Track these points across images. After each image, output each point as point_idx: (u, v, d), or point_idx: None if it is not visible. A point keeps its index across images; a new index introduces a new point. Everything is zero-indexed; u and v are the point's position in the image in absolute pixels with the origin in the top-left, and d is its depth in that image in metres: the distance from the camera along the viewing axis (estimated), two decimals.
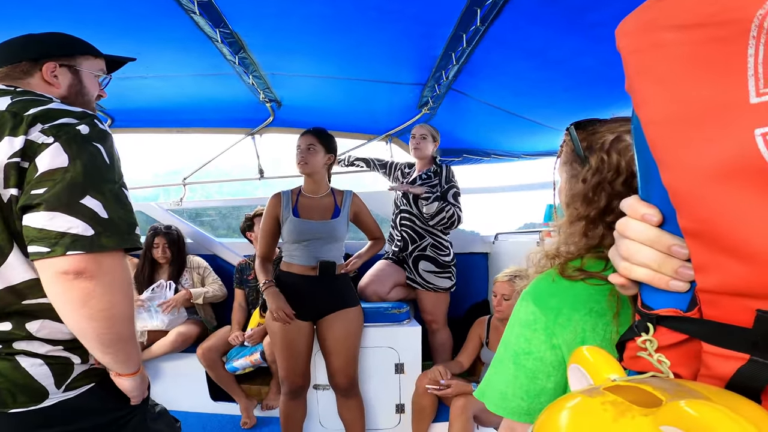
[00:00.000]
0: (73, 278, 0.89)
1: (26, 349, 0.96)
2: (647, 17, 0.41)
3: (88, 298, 0.91)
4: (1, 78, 1.09)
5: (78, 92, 1.17)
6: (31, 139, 0.90)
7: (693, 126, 0.37)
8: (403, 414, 2.63)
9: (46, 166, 0.89)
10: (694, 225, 0.38)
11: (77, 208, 0.89)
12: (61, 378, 0.99)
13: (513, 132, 3.18)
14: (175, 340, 2.90)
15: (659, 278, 0.44)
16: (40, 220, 0.88)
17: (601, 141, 0.76)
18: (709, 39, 0.37)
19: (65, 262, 0.88)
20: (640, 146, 0.45)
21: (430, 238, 2.93)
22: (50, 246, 0.88)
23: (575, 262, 0.73)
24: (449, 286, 2.95)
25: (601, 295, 0.67)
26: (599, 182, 0.74)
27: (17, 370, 0.95)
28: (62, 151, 0.90)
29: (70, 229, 0.88)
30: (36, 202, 0.88)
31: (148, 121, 3.31)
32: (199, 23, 1.86)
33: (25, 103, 0.95)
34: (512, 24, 1.78)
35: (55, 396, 0.98)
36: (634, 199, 0.47)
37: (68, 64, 1.15)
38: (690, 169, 0.37)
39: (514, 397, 0.74)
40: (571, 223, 0.76)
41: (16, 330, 0.95)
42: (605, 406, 0.33)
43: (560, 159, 0.85)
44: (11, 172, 0.89)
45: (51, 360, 0.98)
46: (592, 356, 0.42)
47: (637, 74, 0.42)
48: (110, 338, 0.96)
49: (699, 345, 0.41)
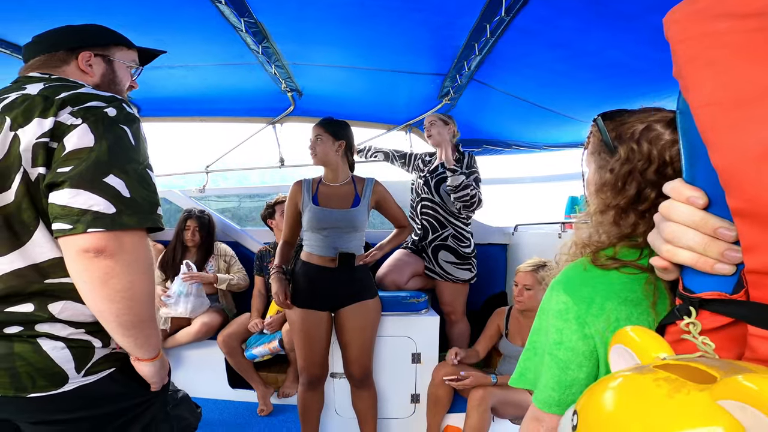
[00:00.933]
0: (94, 256, 0.90)
1: (48, 331, 0.96)
2: (698, 7, 0.42)
3: (108, 277, 0.91)
4: (38, 66, 1.12)
5: (111, 81, 1.21)
6: (60, 120, 0.92)
7: (746, 108, 0.38)
8: (418, 404, 2.65)
9: (72, 146, 0.91)
10: (745, 204, 0.39)
11: (100, 186, 0.90)
12: (81, 362, 0.99)
13: (535, 123, 3.15)
14: (199, 330, 2.97)
15: (704, 261, 0.44)
16: (64, 197, 0.89)
17: (631, 131, 0.76)
18: (764, 27, 0.38)
19: (86, 239, 0.89)
20: (686, 129, 0.45)
21: (451, 228, 2.92)
22: (72, 223, 0.88)
23: (608, 251, 0.72)
24: (469, 278, 2.94)
25: (636, 284, 0.67)
26: (629, 171, 0.74)
27: (38, 353, 0.95)
28: (89, 132, 0.92)
29: (92, 206, 0.89)
30: (61, 180, 0.89)
31: (173, 110, 3.35)
32: (224, 12, 1.87)
33: (56, 87, 0.98)
34: (538, 15, 1.76)
35: (75, 380, 0.98)
36: (679, 182, 0.47)
37: (102, 54, 1.19)
38: (742, 149, 0.38)
39: (545, 388, 0.75)
40: (601, 213, 0.76)
41: (39, 311, 0.95)
42: (659, 383, 0.33)
43: (587, 150, 0.85)
44: (39, 151, 0.91)
45: (72, 343, 0.98)
46: (638, 335, 0.42)
47: (688, 60, 0.42)
48: (130, 320, 0.96)
49: (742, 329, 0.42)
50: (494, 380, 2.35)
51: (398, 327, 2.62)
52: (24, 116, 0.92)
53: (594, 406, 0.37)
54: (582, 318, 0.70)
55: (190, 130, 28.33)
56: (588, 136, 0.85)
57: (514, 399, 2.28)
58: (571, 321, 0.71)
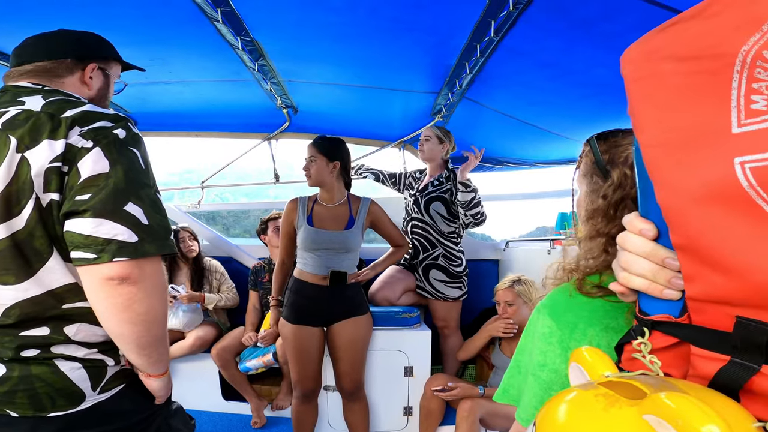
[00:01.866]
0: (118, 284, 0.91)
1: (64, 353, 0.97)
2: (649, 47, 0.45)
3: (130, 303, 0.93)
4: (36, 73, 1.07)
5: (103, 95, 1.20)
6: (71, 143, 0.90)
7: (683, 151, 0.41)
8: (410, 416, 2.66)
9: (88, 172, 0.90)
10: (683, 240, 0.43)
11: (122, 214, 0.91)
12: (96, 380, 1.00)
13: (525, 140, 3.21)
14: (193, 344, 2.98)
15: (654, 287, 0.48)
16: (87, 226, 0.89)
17: (624, 155, 0.74)
18: (701, 71, 0.41)
19: (112, 268, 0.90)
20: (639, 166, 0.49)
21: (441, 248, 2.93)
22: (97, 252, 0.89)
23: (593, 278, 0.73)
24: (459, 295, 2.96)
25: (618, 312, 0.69)
26: (621, 198, 0.72)
27: (56, 374, 0.96)
28: (103, 156, 0.92)
29: (116, 235, 0.90)
30: (82, 209, 0.89)
31: (169, 125, 3.40)
32: (221, 31, 1.92)
33: (59, 104, 0.95)
34: (526, 35, 1.82)
35: (91, 398, 1.00)
36: (634, 215, 0.51)
37: (103, 67, 1.18)
38: (679, 190, 0.42)
39: (528, 406, 0.76)
40: (591, 239, 0.75)
41: (54, 334, 0.96)
42: (597, 398, 0.37)
43: (579, 170, 0.84)
44: (52, 176, 0.89)
45: (88, 363, 0.99)
46: (590, 356, 0.46)
47: (638, 100, 0.46)
48: (147, 341, 0.99)
49: (687, 348, 0.45)
50: (481, 391, 2.37)
51: (391, 341, 2.64)
52: (31, 136, 0.89)
53: (547, 418, 0.41)
54: (565, 342, 0.72)
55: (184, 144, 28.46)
56: (580, 156, 0.85)
57: (503, 411, 2.29)
58: (554, 344, 0.73)
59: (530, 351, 0.77)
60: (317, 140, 2.35)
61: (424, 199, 2.95)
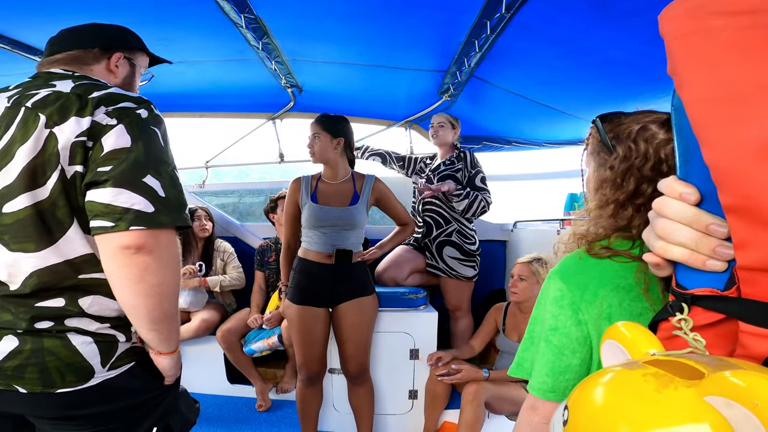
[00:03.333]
0: (134, 252, 0.93)
1: (77, 326, 0.99)
2: (693, 4, 0.42)
3: (144, 273, 0.94)
4: (67, 61, 1.15)
5: (129, 84, 1.27)
6: (96, 120, 0.95)
7: (739, 105, 0.38)
8: (415, 400, 2.66)
9: (111, 146, 0.94)
10: (737, 201, 0.39)
11: (140, 185, 0.94)
12: (106, 356, 1.01)
13: (535, 120, 3.15)
14: (199, 326, 2.98)
15: (696, 258, 0.45)
16: (107, 195, 0.92)
17: (628, 131, 0.80)
18: (757, 25, 0.38)
19: (128, 236, 0.92)
20: (680, 126, 0.46)
21: (456, 224, 2.93)
22: (114, 221, 0.92)
23: (603, 242, 0.76)
24: (472, 275, 2.95)
25: (628, 271, 0.70)
26: (628, 168, 0.77)
27: (68, 348, 0.97)
28: (125, 132, 0.96)
29: (134, 205, 0.93)
30: (103, 179, 0.92)
31: (174, 106, 3.37)
32: (224, 8, 1.87)
33: (87, 86, 1.01)
34: (538, 12, 1.76)
35: (100, 375, 1.01)
36: (672, 178, 0.47)
37: (129, 56, 1.25)
38: (734, 145, 0.38)
39: (539, 374, 0.77)
40: (600, 207, 0.80)
41: (69, 306, 0.98)
42: (647, 378, 0.33)
43: (587, 150, 0.89)
44: (77, 150, 0.94)
45: (99, 338, 1.01)
46: (629, 331, 0.42)
47: (682, 57, 0.43)
48: (159, 315, 1.00)
49: (734, 325, 0.42)
50: (486, 374, 2.36)
51: (396, 323, 2.62)
52: (60, 114, 0.94)
53: (583, 401, 0.37)
54: (576, 304, 0.73)
55: (189, 125, 28.39)
56: (587, 137, 0.90)
57: (509, 395, 2.29)
58: (565, 307, 0.74)
59: (540, 318, 0.79)
60: (320, 117, 2.34)
61: (437, 177, 2.95)
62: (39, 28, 2.00)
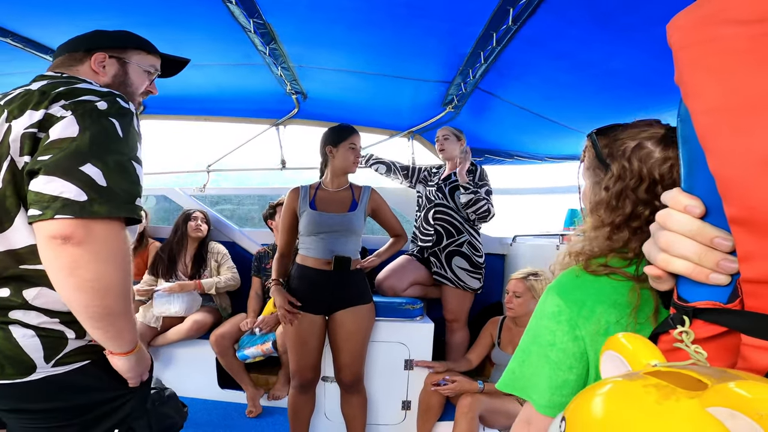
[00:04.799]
0: (61, 243, 0.89)
1: (20, 319, 0.97)
2: (702, 13, 0.42)
3: (75, 266, 0.90)
4: (57, 65, 1.17)
5: (121, 83, 1.24)
6: (50, 112, 0.95)
7: (746, 114, 0.38)
8: (408, 411, 2.63)
9: (56, 135, 0.93)
10: (743, 212, 0.39)
11: (74, 174, 0.90)
12: (51, 352, 0.98)
13: (538, 134, 3.15)
14: (191, 327, 2.96)
15: (699, 271, 0.44)
16: (39, 183, 0.90)
17: (623, 148, 0.78)
18: (765, 34, 0.38)
19: (54, 225, 0.88)
20: (686, 137, 0.45)
21: (467, 236, 2.92)
22: (42, 209, 0.89)
23: (600, 259, 0.75)
24: (477, 287, 2.95)
25: (625, 288, 0.70)
26: (622, 190, 0.76)
27: (8, 340, 0.95)
28: (75, 123, 0.94)
29: (62, 193, 0.89)
30: (38, 167, 0.90)
31: (178, 109, 3.38)
32: (234, 13, 1.88)
33: (56, 83, 1.01)
34: (544, 25, 1.77)
35: (43, 370, 0.98)
36: (677, 190, 0.47)
37: (118, 56, 1.23)
38: (741, 155, 0.38)
39: (536, 388, 0.76)
40: (596, 229, 0.79)
41: (14, 297, 0.96)
42: (648, 389, 0.33)
43: (583, 164, 0.88)
44: (26, 141, 0.94)
45: (43, 332, 0.98)
46: (630, 342, 0.41)
47: (690, 66, 0.42)
48: (99, 312, 0.94)
49: (736, 338, 0.42)
50: (481, 386, 2.34)
51: (392, 333, 2.60)
52: (19, 108, 0.96)
53: (582, 412, 0.37)
54: (573, 320, 0.72)
55: (192, 128, 28.39)
56: (584, 150, 0.88)
57: (503, 408, 2.26)
58: (563, 323, 0.73)
59: (537, 333, 0.78)
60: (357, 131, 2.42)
61: (449, 187, 2.95)
62: (50, 27, 2.02)
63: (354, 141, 2.36)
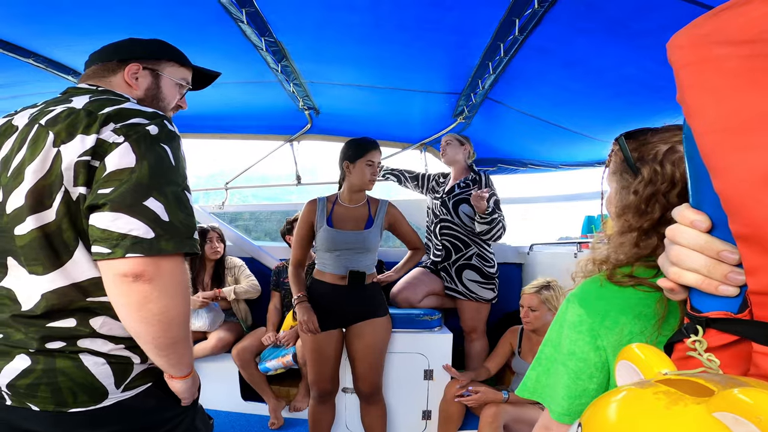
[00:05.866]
0: (132, 281, 0.89)
1: (90, 347, 0.97)
2: (700, 32, 0.43)
3: (145, 302, 0.91)
4: (89, 76, 1.13)
5: (154, 96, 1.20)
6: (102, 138, 0.91)
7: (744, 134, 0.39)
8: (429, 420, 2.63)
9: (114, 166, 0.90)
10: (746, 229, 0.40)
11: (140, 209, 0.89)
12: (121, 377, 0.99)
13: (551, 142, 3.15)
14: (215, 345, 3.02)
15: (708, 283, 0.45)
16: (105, 220, 0.89)
17: (654, 152, 0.75)
18: (760, 54, 0.39)
19: (125, 264, 0.88)
20: (691, 154, 0.46)
21: (476, 248, 2.91)
22: (111, 247, 0.88)
23: (625, 269, 0.73)
24: (491, 297, 2.93)
25: (650, 300, 0.68)
26: (653, 194, 0.73)
27: (80, 368, 0.95)
28: (131, 151, 0.91)
29: (132, 231, 0.88)
30: (102, 202, 0.89)
31: (195, 127, 3.45)
32: (245, 32, 1.93)
33: (101, 102, 0.97)
34: (551, 33, 1.78)
35: (114, 396, 0.99)
36: (685, 206, 0.48)
37: (151, 67, 1.18)
38: (741, 174, 0.39)
39: (555, 397, 0.76)
40: (622, 234, 0.76)
41: (81, 326, 0.96)
42: (658, 396, 0.34)
43: (609, 169, 0.84)
44: (80, 170, 0.90)
45: (113, 359, 0.99)
46: (642, 352, 0.43)
47: (690, 86, 0.43)
48: (165, 342, 0.96)
49: (748, 347, 0.42)
50: (506, 396, 2.32)
51: (411, 343, 2.61)
52: (67, 132, 0.91)
53: (597, 418, 0.38)
54: (595, 330, 0.71)
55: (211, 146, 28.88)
56: (609, 155, 0.85)
57: (528, 417, 2.24)
58: (584, 333, 0.72)
59: (556, 342, 0.77)
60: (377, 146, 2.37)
61: (452, 201, 2.93)
62: (71, 47, 2.08)
63: (372, 158, 2.32)
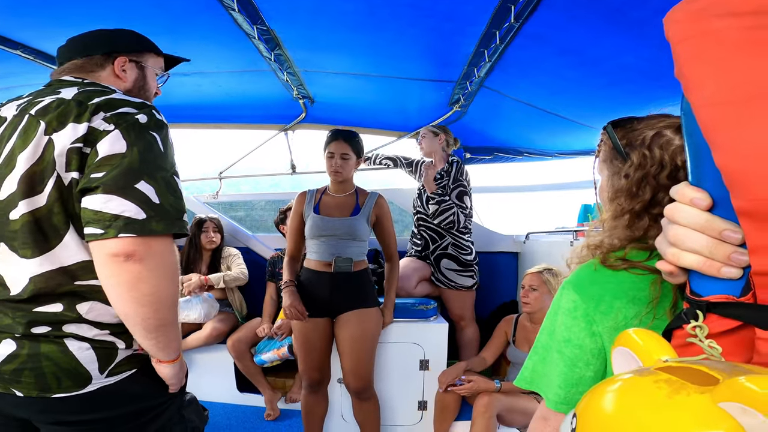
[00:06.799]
0: (123, 260, 0.92)
1: (75, 332, 0.98)
2: (698, 6, 0.42)
3: (136, 281, 0.93)
4: (72, 69, 1.15)
5: (141, 87, 1.25)
6: (93, 126, 0.94)
7: (747, 106, 0.38)
8: (425, 411, 2.63)
9: (105, 152, 0.93)
10: (750, 204, 0.38)
11: (132, 192, 0.92)
12: (105, 363, 1.00)
13: (547, 130, 3.13)
14: (210, 334, 2.99)
15: (710, 264, 0.43)
16: (97, 202, 0.91)
17: (642, 137, 0.77)
18: (761, 25, 0.38)
19: (117, 243, 0.91)
20: (690, 131, 0.45)
21: (450, 238, 2.97)
22: (104, 228, 0.91)
23: (618, 252, 0.74)
24: (471, 284, 2.98)
25: (644, 283, 0.68)
26: (643, 176, 0.75)
27: (64, 353, 0.97)
28: (121, 138, 0.95)
29: (124, 212, 0.91)
30: (94, 185, 0.92)
31: (188, 117, 3.40)
32: (237, 20, 1.90)
33: (89, 93, 1.01)
34: (548, 21, 1.76)
35: (98, 381, 1.00)
36: (684, 184, 0.46)
37: (136, 60, 1.23)
38: (744, 147, 0.38)
39: (552, 385, 0.75)
40: (615, 218, 0.77)
41: (67, 311, 0.97)
42: (659, 384, 0.32)
43: (599, 158, 0.86)
44: (73, 156, 0.93)
45: (97, 344, 1.00)
46: (641, 338, 0.41)
47: (689, 60, 0.42)
48: (154, 323, 0.98)
49: (751, 332, 0.41)
50: (498, 385, 2.32)
51: (406, 333, 2.61)
52: (59, 120, 0.94)
53: (593, 409, 0.36)
54: (590, 316, 0.71)
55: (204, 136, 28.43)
56: (599, 144, 0.87)
57: (520, 406, 2.25)
58: (579, 318, 0.72)
59: (551, 330, 0.77)
60: (348, 136, 2.36)
61: (426, 195, 2.98)
62: (60, 39, 2.04)
63: (330, 149, 2.33)
